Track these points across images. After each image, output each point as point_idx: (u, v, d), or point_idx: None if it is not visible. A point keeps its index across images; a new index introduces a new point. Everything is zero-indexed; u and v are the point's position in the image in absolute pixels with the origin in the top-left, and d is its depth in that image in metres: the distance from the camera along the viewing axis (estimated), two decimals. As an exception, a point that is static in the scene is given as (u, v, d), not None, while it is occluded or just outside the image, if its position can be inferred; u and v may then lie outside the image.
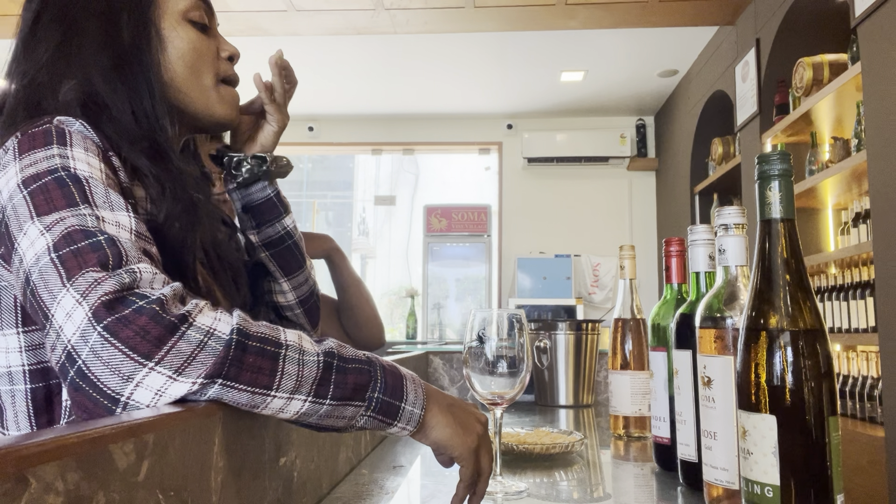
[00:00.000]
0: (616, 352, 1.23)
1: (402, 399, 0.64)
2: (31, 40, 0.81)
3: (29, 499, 0.33)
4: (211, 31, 0.88)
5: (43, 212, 0.62)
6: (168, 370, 0.53)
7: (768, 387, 0.56)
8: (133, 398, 0.53)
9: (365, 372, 0.62)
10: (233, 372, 0.55)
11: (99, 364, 0.53)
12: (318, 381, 0.59)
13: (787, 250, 0.59)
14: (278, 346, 0.58)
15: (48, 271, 0.58)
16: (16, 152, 0.68)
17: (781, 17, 3.14)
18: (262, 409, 0.57)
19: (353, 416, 0.62)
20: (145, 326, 0.54)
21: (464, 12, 3.60)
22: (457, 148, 5.68)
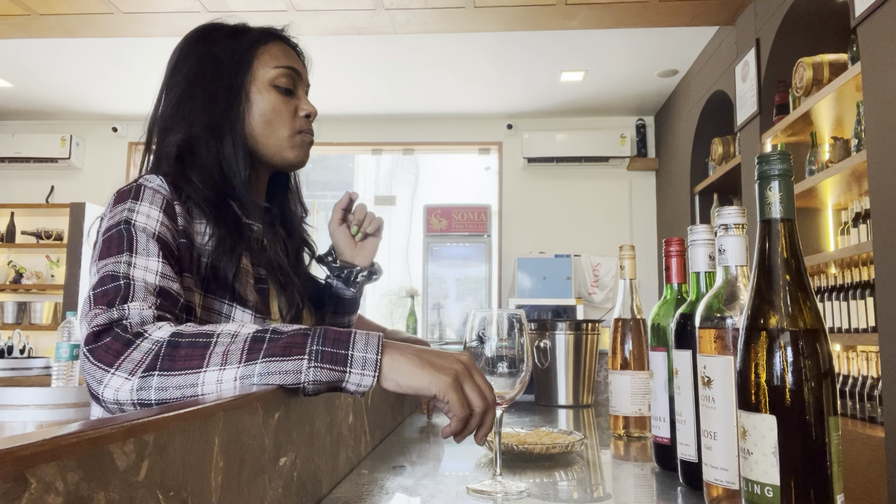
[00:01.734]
0: (616, 352, 1.23)
1: (349, 347, 0.68)
2: (161, 96, 1.05)
3: (29, 499, 0.33)
4: (296, 94, 1.07)
5: (102, 256, 0.84)
6: (124, 373, 0.71)
7: (768, 387, 0.56)
8: (103, 396, 0.71)
9: (300, 334, 0.69)
10: (166, 364, 0.70)
11: (85, 373, 0.74)
12: (247, 350, 0.69)
13: (787, 250, 0.58)
14: (210, 337, 0.71)
15: (85, 302, 0.80)
16: (110, 206, 0.91)
17: (781, 17, 3.14)
18: (202, 387, 0.68)
19: (297, 369, 0.67)
20: (108, 345, 0.73)
21: (464, 12, 3.60)
22: (457, 148, 5.68)
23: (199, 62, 1.04)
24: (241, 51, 1.04)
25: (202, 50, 1.05)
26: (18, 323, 5.27)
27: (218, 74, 1.02)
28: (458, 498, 0.81)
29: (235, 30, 1.08)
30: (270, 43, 1.07)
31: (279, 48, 1.07)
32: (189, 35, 1.08)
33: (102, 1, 3.49)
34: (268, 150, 1.05)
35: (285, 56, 1.07)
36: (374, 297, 5.76)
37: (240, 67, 1.03)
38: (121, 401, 0.70)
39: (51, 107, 5.38)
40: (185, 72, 1.03)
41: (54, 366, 2.22)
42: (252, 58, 1.04)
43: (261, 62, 1.04)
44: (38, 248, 5.53)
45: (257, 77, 1.04)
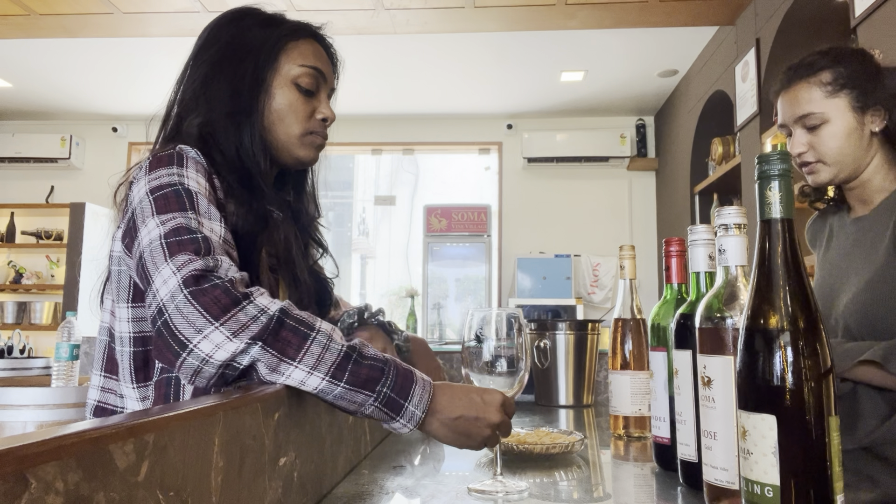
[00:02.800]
0: (616, 352, 1.22)
1: (407, 399, 0.75)
2: (184, 75, 1.04)
3: (29, 499, 0.33)
4: (317, 96, 1.07)
5: (161, 211, 0.83)
6: (228, 332, 0.71)
7: (768, 387, 0.56)
8: (199, 346, 0.71)
9: (378, 369, 0.74)
10: (269, 339, 0.71)
11: (180, 318, 0.71)
12: (336, 366, 0.72)
13: (787, 250, 0.58)
14: (311, 329, 0.73)
15: (156, 251, 0.78)
16: (146, 170, 0.89)
17: (781, 17, 3.14)
18: (286, 377, 0.71)
19: (362, 402, 0.73)
20: (218, 297, 0.72)
21: (464, 12, 3.60)
22: (457, 148, 5.68)
23: (227, 45, 1.03)
24: (271, 42, 1.03)
25: (232, 33, 1.04)
26: (18, 323, 5.27)
27: (243, 62, 1.01)
28: (458, 498, 0.81)
29: (270, 19, 1.06)
30: (302, 39, 1.06)
31: (310, 46, 1.07)
32: (222, 16, 1.07)
33: (102, 1, 3.49)
34: (277, 144, 1.04)
35: (314, 55, 1.06)
36: (374, 297, 5.76)
37: (266, 58, 1.02)
38: (215, 358, 0.70)
39: (51, 107, 5.38)
40: (213, 52, 1.03)
41: (54, 366, 2.22)
42: (280, 51, 1.03)
43: (288, 57, 1.03)
44: (38, 248, 5.53)
45: (281, 72, 1.03)
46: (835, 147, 1.25)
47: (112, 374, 0.97)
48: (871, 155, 1.27)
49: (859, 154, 1.26)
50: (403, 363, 0.77)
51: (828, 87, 1.25)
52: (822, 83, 1.26)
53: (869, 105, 1.24)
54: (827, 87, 1.25)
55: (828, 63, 1.27)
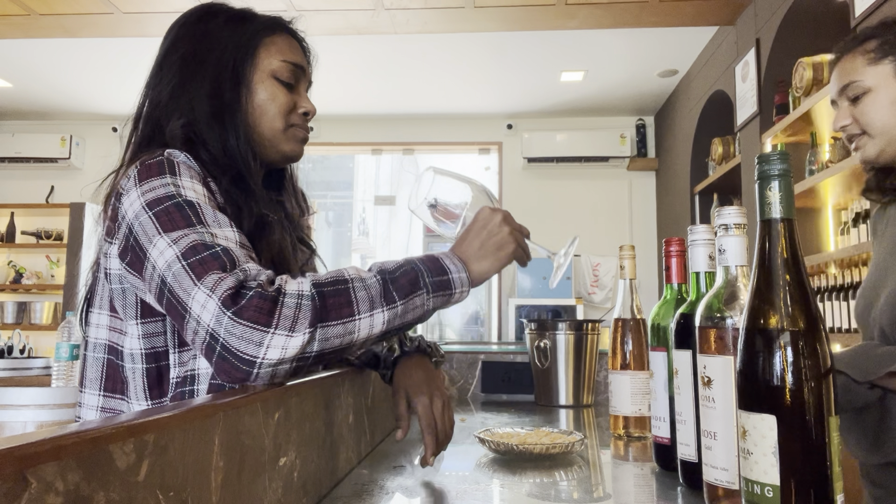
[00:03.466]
0: (616, 352, 1.22)
1: (447, 272, 0.83)
2: (157, 76, 1.01)
3: (29, 499, 0.33)
4: (296, 89, 1.05)
5: (167, 229, 0.79)
6: (284, 331, 0.71)
7: (768, 387, 0.56)
8: (267, 357, 0.71)
9: (411, 270, 0.80)
10: (324, 314, 0.73)
11: (235, 339, 0.71)
12: (383, 295, 0.77)
13: (787, 250, 0.58)
14: (345, 282, 0.76)
15: (180, 275, 0.75)
16: (136, 180, 0.85)
17: (781, 17, 3.14)
18: (357, 334, 0.75)
19: (422, 303, 0.80)
20: (259, 305, 0.71)
21: (464, 12, 3.60)
22: (457, 148, 5.68)
23: (199, 44, 1.00)
24: (247, 37, 1.01)
25: (203, 31, 1.01)
26: (18, 323, 5.27)
27: (221, 59, 0.99)
28: (458, 498, 0.81)
29: (240, 14, 1.04)
30: (277, 34, 1.04)
31: (286, 41, 1.05)
32: (189, 13, 1.04)
33: (102, 1, 3.49)
34: (262, 140, 1.02)
35: (291, 50, 1.05)
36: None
37: (244, 54, 1.00)
38: (286, 359, 0.71)
39: (51, 107, 5.38)
40: (184, 53, 0.99)
41: (54, 366, 2.22)
42: (257, 46, 1.01)
43: (266, 52, 1.01)
44: (38, 248, 5.53)
45: (260, 67, 1.01)
46: (878, 117, 1.17)
47: (116, 393, 0.92)
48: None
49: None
50: (418, 256, 0.84)
51: (871, 55, 1.18)
52: (866, 51, 1.19)
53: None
54: (870, 55, 1.18)
55: (874, 31, 1.20)
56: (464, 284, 0.83)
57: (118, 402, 0.92)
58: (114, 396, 0.92)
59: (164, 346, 0.89)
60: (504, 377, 1.88)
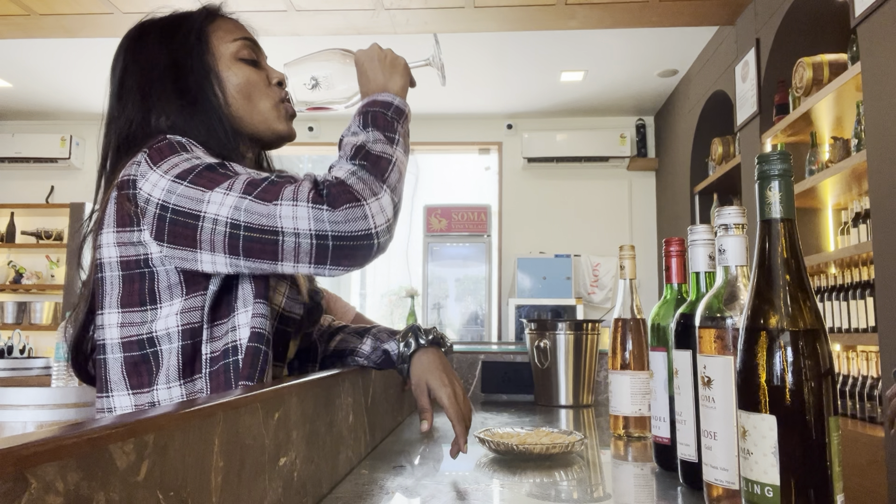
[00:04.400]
0: (616, 352, 1.22)
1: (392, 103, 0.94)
2: (119, 105, 0.99)
3: (29, 499, 0.33)
4: (260, 65, 1.04)
5: (213, 186, 0.80)
6: (372, 197, 0.81)
7: (768, 387, 0.56)
8: (377, 224, 0.80)
9: (377, 117, 0.92)
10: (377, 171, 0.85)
11: (344, 225, 0.78)
12: (385, 140, 0.90)
13: (787, 250, 0.58)
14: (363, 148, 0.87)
15: (254, 207, 0.78)
16: (150, 163, 0.84)
17: (781, 17, 3.14)
18: (403, 168, 0.90)
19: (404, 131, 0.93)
20: (339, 191, 0.79)
21: (464, 12, 3.60)
22: (457, 148, 5.68)
23: (149, 60, 0.98)
24: (193, 34, 0.98)
25: (147, 47, 0.99)
26: (18, 323, 5.27)
27: (177, 64, 0.96)
28: (458, 498, 0.81)
29: (174, 19, 1.02)
30: (218, 20, 1.03)
31: (228, 23, 1.03)
32: (125, 39, 1.02)
33: (102, 1, 3.49)
34: (255, 125, 1.00)
35: (237, 28, 1.03)
36: (374, 298, 5.76)
37: (199, 49, 0.97)
38: (391, 218, 0.82)
39: (51, 107, 5.38)
40: (139, 73, 0.97)
41: (54, 366, 2.22)
42: (207, 36, 0.99)
43: (217, 38, 1.00)
44: (38, 248, 5.53)
45: (220, 54, 0.99)
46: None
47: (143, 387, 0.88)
48: None
49: None
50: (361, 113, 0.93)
51: None
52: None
53: None
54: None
55: None
56: (402, 102, 0.95)
57: (147, 395, 0.88)
58: (142, 391, 0.88)
59: (199, 321, 0.87)
60: (504, 377, 1.88)
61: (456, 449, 0.97)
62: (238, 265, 0.82)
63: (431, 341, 1.10)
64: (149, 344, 0.88)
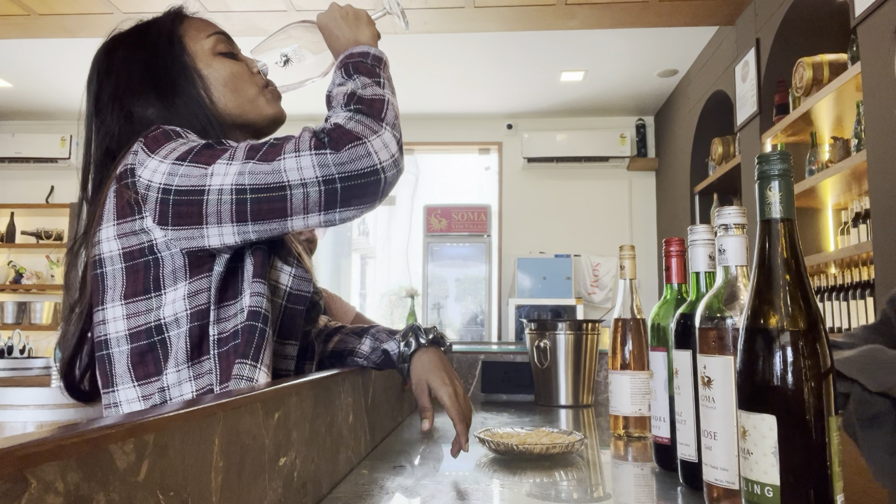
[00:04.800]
0: (616, 352, 1.22)
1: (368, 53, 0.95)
2: (98, 119, 0.97)
3: (29, 499, 0.33)
4: (238, 56, 1.04)
5: (214, 160, 0.80)
6: (373, 134, 0.82)
7: (768, 387, 0.56)
8: (381, 159, 0.82)
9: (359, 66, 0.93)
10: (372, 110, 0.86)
11: (350, 165, 0.79)
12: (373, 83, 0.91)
13: (787, 250, 0.58)
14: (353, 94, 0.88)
15: (258, 168, 0.78)
16: (147, 151, 0.84)
17: (781, 17, 3.14)
18: (396, 106, 0.91)
19: (386, 75, 0.94)
20: (339, 134, 0.80)
21: (464, 12, 3.60)
22: (457, 148, 5.68)
23: (125, 70, 0.97)
24: (165, 37, 0.98)
25: (119, 59, 0.98)
26: (18, 323, 5.27)
27: (154, 69, 0.96)
28: (458, 498, 0.81)
29: (141, 28, 1.01)
30: (186, 21, 1.02)
31: (196, 21, 1.03)
32: (96, 56, 1.01)
33: (102, 1, 3.49)
34: (245, 115, 1.00)
35: (206, 25, 1.03)
36: (374, 298, 5.76)
37: (175, 51, 0.97)
38: (395, 152, 0.84)
39: (51, 107, 5.38)
40: (114, 85, 0.96)
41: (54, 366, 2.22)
42: (179, 38, 0.98)
43: (190, 38, 0.99)
44: (38, 248, 5.53)
45: (196, 52, 0.98)
46: None
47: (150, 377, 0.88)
48: None
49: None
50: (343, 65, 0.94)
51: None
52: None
53: None
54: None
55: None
56: (378, 51, 0.96)
57: (155, 383, 0.87)
58: (149, 381, 0.88)
59: (206, 302, 0.87)
60: (504, 377, 1.88)
61: (457, 448, 0.97)
62: (246, 231, 0.81)
63: (431, 341, 1.10)
64: (157, 332, 0.87)
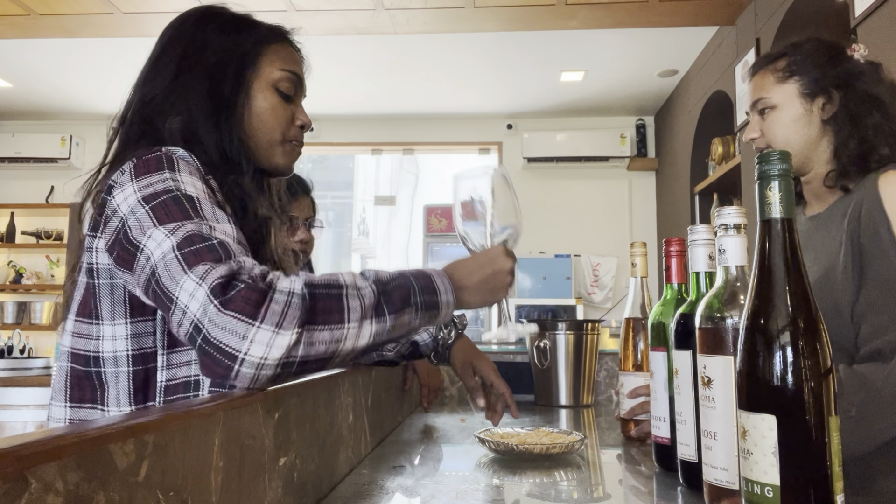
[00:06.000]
0: (627, 352, 1.16)
1: (437, 293, 0.82)
2: (151, 72, 0.98)
3: (29, 499, 0.33)
4: (294, 101, 1.04)
5: (163, 221, 0.77)
6: (270, 326, 0.67)
7: (768, 387, 0.56)
8: (249, 353, 0.67)
9: (404, 286, 0.79)
10: (312, 317, 0.70)
11: (218, 330, 0.67)
12: (375, 305, 0.75)
13: (787, 250, 0.58)
14: (340, 288, 0.74)
15: (172, 264, 0.73)
16: (132, 175, 0.83)
17: (781, 17, 3.14)
18: (344, 343, 0.72)
19: (409, 321, 0.79)
20: (246, 296, 0.68)
21: (464, 12, 3.60)
22: (457, 148, 5.68)
23: (198, 45, 0.98)
24: (249, 45, 0.99)
25: (202, 32, 0.99)
26: (18, 323, 5.27)
27: (220, 62, 0.97)
28: (459, 498, 0.81)
29: (243, 21, 1.03)
30: (278, 43, 1.03)
31: (286, 50, 1.04)
32: (188, 14, 1.02)
33: (102, 1, 3.49)
34: (257, 151, 1.00)
35: (292, 60, 1.04)
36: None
37: (246, 60, 0.98)
38: (271, 358, 0.67)
39: (51, 107, 5.38)
40: (181, 52, 0.97)
41: (54, 366, 2.22)
42: (259, 53, 1.00)
43: (268, 60, 1.00)
44: (38, 249, 5.53)
45: (262, 75, 0.99)
46: (781, 133, 1.24)
47: (84, 402, 0.87)
48: (822, 146, 1.23)
49: (808, 142, 1.23)
50: (411, 270, 0.83)
51: (779, 73, 1.26)
52: (776, 70, 1.26)
53: (818, 92, 1.22)
54: (779, 73, 1.26)
55: (786, 50, 1.27)
56: (450, 307, 0.83)
57: (88, 411, 0.87)
58: (82, 406, 0.87)
59: (152, 346, 0.86)
60: (504, 377, 1.87)
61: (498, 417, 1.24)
62: (150, 302, 0.79)
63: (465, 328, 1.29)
64: (94, 363, 0.87)
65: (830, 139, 1.23)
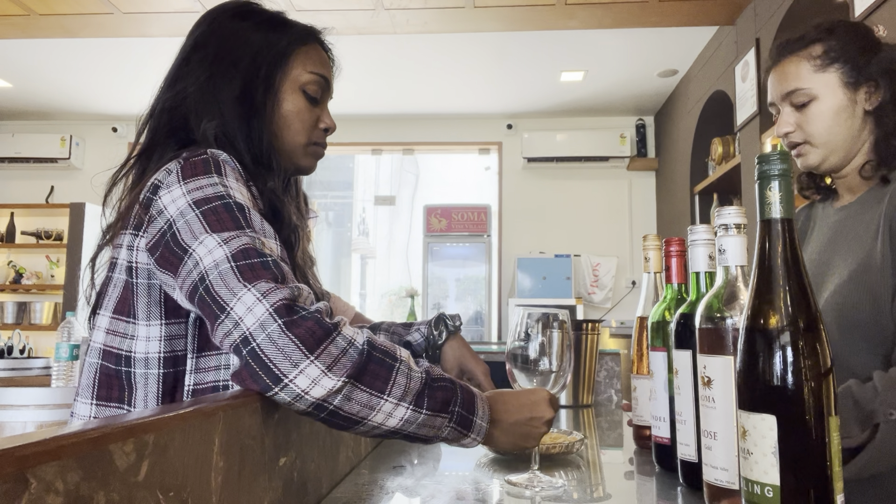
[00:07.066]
0: (643, 353, 1.07)
1: (475, 413, 0.78)
2: (184, 67, 0.97)
3: (29, 499, 0.33)
4: (320, 104, 1.04)
5: (216, 228, 0.76)
6: (322, 366, 0.67)
7: (768, 387, 0.56)
8: (295, 382, 0.66)
9: (450, 389, 0.76)
10: (361, 374, 0.69)
11: (274, 349, 0.66)
12: (418, 393, 0.73)
13: (787, 250, 0.58)
14: (395, 360, 0.72)
15: (228, 274, 0.72)
16: (179, 176, 0.82)
17: (781, 17, 3.14)
18: (375, 413, 0.70)
19: (440, 425, 0.75)
20: (312, 328, 0.68)
21: (464, 12, 3.60)
22: (457, 148, 5.68)
23: (231, 43, 0.97)
24: (282, 45, 0.99)
25: (235, 30, 0.98)
26: (18, 323, 5.27)
27: (252, 62, 0.96)
28: (459, 498, 0.81)
29: (276, 19, 1.02)
30: (310, 45, 1.03)
31: (317, 52, 1.04)
32: (221, 10, 1.01)
33: (102, 1, 3.49)
34: (281, 150, 1.00)
35: (321, 63, 1.04)
36: (374, 297, 5.75)
37: (277, 61, 0.98)
38: (310, 395, 0.66)
39: (51, 107, 5.38)
40: (216, 49, 0.97)
41: (54, 366, 2.22)
42: (290, 54, 0.99)
43: (299, 62, 1.00)
44: (37, 249, 5.53)
45: (291, 76, 0.99)
46: (823, 127, 1.14)
47: (111, 401, 0.87)
48: (863, 138, 1.15)
49: (851, 135, 1.14)
50: (461, 381, 0.80)
51: (817, 61, 1.14)
52: (812, 57, 1.15)
53: (862, 81, 1.13)
54: (816, 61, 1.14)
55: (819, 35, 1.16)
56: (479, 435, 0.79)
57: (114, 410, 0.87)
58: (108, 405, 0.87)
59: (182, 350, 0.86)
60: (504, 377, 1.88)
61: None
62: (195, 311, 0.78)
63: (457, 328, 1.21)
64: (125, 363, 0.86)
65: (871, 129, 1.14)
